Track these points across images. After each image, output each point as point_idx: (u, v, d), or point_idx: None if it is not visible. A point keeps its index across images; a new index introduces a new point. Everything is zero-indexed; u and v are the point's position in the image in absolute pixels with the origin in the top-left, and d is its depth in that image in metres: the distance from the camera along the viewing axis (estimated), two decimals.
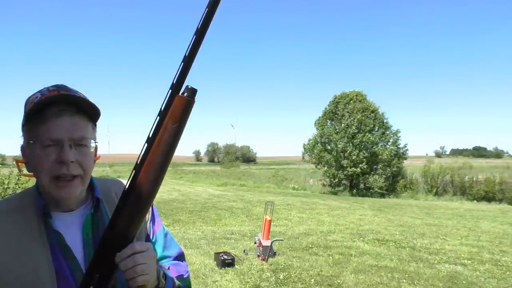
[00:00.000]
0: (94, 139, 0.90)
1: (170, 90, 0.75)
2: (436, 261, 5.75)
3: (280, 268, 5.17)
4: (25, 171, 0.93)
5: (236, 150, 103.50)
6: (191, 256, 5.58)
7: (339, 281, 4.71)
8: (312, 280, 4.75)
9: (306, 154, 24.44)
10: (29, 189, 0.96)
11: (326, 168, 23.02)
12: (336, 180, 22.52)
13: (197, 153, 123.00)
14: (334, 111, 23.34)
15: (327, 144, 22.95)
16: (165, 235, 1.07)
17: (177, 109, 0.75)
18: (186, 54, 0.73)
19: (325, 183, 23.62)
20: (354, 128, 21.84)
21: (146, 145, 0.76)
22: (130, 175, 0.78)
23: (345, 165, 21.65)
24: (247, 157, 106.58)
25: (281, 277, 4.81)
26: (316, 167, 24.52)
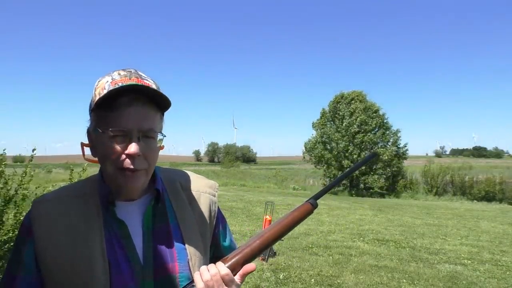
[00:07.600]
0: (161, 130, 0.88)
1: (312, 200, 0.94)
2: (436, 261, 5.75)
3: (280, 268, 5.17)
4: (88, 156, 0.92)
5: (236, 150, 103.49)
6: None
7: (339, 281, 4.71)
8: (312, 280, 4.75)
9: (307, 154, 24.40)
10: (94, 176, 0.94)
11: (325, 167, 23.00)
12: None
13: (197, 153, 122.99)
14: (334, 111, 23.34)
15: (327, 144, 22.94)
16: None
17: (303, 211, 0.92)
18: (330, 185, 0.98)
19: (325, 183, 23.61)
20: (355, 127, 21.84)
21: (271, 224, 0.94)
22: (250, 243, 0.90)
23: (345, 166, 21.65)
24: (247, 157, 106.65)
25: (281, 277, 4.81)
26: (315, 166, 24.51)
